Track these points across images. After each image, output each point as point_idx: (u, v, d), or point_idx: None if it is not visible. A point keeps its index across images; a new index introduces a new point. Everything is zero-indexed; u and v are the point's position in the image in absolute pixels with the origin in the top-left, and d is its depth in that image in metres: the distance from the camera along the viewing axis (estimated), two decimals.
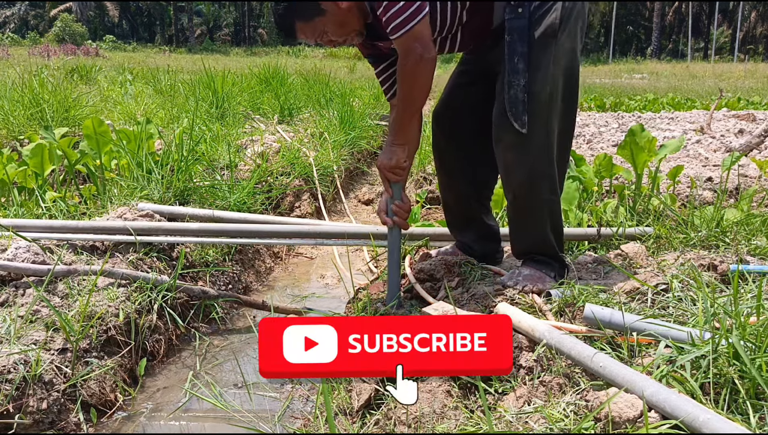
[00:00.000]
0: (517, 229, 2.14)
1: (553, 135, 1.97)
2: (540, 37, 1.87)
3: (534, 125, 1.90)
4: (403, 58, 1.87)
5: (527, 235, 2.10)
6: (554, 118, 1.96)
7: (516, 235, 2.16)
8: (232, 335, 2.58)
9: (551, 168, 1.99)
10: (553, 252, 2.08)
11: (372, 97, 8.86)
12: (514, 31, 1.87)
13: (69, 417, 1.85)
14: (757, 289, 1.51)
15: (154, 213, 2.86)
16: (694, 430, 1.18)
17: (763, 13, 49.81)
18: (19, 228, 2.51)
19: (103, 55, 25.20)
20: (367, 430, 1.63)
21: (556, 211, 2.08)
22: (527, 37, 1.87)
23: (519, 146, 1.94)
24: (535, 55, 1.87)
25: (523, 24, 1.87)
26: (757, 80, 16.18)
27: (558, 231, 2.11)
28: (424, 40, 1.84)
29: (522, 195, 2.02)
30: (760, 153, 4.96)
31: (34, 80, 5.75)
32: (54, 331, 2.01)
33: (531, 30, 1.87)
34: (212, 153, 4.12)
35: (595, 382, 1.44)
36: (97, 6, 53.15)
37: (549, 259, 2.08)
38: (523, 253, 2.15)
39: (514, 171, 2.00)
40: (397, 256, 2.18)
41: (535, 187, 1.99)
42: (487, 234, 2.39)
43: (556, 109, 1.96)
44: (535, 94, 1.88)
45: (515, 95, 1.88)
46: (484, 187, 2.36)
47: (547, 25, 1.86)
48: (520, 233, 2.13)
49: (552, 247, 2.08)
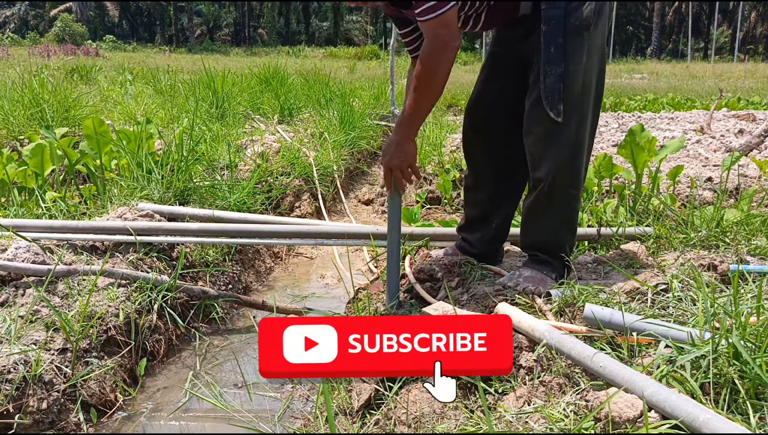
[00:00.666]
0: (532, 221, 2.13)
1: (583, 129, 1.99)
2: (575, 28, 1.90)
3: (567, 116, 1.92)
4: (429, 43, 1.85)
5: (541, 227, 2.10)
6: (586, 110, 1.99)
7: (529, 227, 2.15)
8: (232, 335, 2.58)
9: (578, 162, 2.01)
10: (560, 250, 2.08)
11: (372, 97, 8.86)
12: (551, 21, 1.89)
13: (69, 417, 1.85)
14: (757, 289, 1.51)
15: (154, 213, 2.86)
16: (694, 430, 1.18)
17: (763, 13, 49.80)
18: (19, 228, 2.51)
19: (103, 55, 25.19)
20: (367, 430, 1.63)
21: (575, 208, 2.09)
22: (563, 27, 1.89)
23: (549, 138, 1.95)
24: (570, 46, 1.90)
25: (560, 14, 1.89)
26: (757, 80, 16.18)
27: (572, 227, 2.12)
28: (452, 27, 1.83)
29: (545, 187, 2.02)
30: (760, 153, 4.96)
31: (34, 80, 5.75)
32: (54, 331, 2.01)
33: (566, 21, 1.89)
34: (212, 153, 4.12)
35: (595, 382, 1.44)
36: (97, 6, 53.13)
37: (551, 259, 2.08)
38: (530, 246, 2.15)
39: (541, 163, 2.00)
40: (397, 256, 2.18)
41: (559, 180, 2.00)
42: (495, 236, 2.38)
43: (588, 103, 1.99)
44: (570, 85, 1.91)
45: (551, 84, 1.90)
46: (509, 185, 2.32)
47: (582, 18, 1.90)
48: (534, 225, 2.12)
49: (561, 245, 2.08)
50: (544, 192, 2.02)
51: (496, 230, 2.35)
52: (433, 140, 5.28)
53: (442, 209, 4.10)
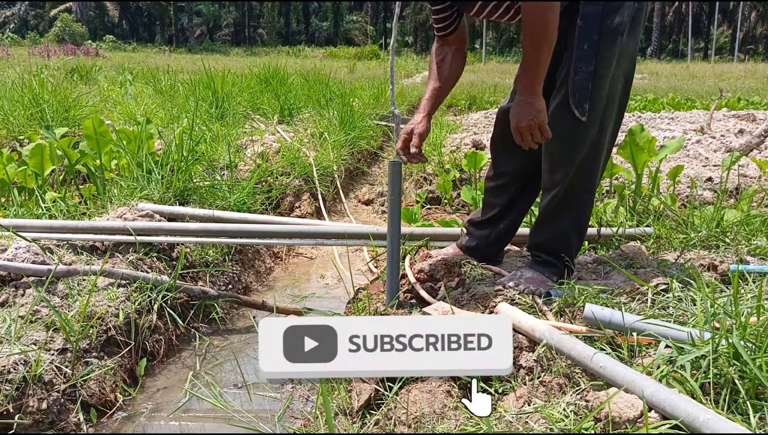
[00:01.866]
0: (543, 222, 2.13)
1: (604, 134, 1.99)
2: (610, 30, 1.89)
3: (590, 117, 1.92)
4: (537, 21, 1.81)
5: (551, 229, 2.10)
6: (609, 116, 1.98)
7: (539, 229, 2.15)
8: (232, 335, 2.58)
9: (595, 165, 2.01)
10: (566, 253, 2.08)
11: (372, 97, 8.85)
12: (588, 17, 1.89)
13: (69, 417, 1.85)
14: (757, 289, 1.51)
15: (154, 213, 2.86)
16: (694, 430, 1.18)
17: (763, 13, 49.80)
18: (19, 228, 2.51)
19: (103, 55, 25.20)
20: (367, 430, 1.63)
21: (587, 213, 2.10)
22: (599, 25, 1.88)
23: (570, 139, 1.95)
24: (602, 47, 1.89)
25: (598, 11, 1.88)
26: (757, 80, 16.18)
27: (582, 231, 2.12)
28: None
29: (561, 190, 2.02)
30: (760, 153, 4.96)
31: (34, 80, 5.75)
32: (54, 331, 2.01)
33: (603, 20, 1.88)
34: (212, 153, 4.12)
35: (595, 383, 1.44)
36: (97, 6, 53.14)
37: (555, 261, 2.08)
38: (536, 247, 2.15)
39: (560, 165, 2.00)
40: (397, 256, 2.18)
41: (575, 182, 2.00)
42: (500, 236, 2.37)
43: (611, 109, 1.98)
44: (597, 87, 1.90)
45: (581, 81, 1.89)
46: (528, 192, 2.32)
47: (618, 21, 1.89)
48: (544, 227, 2.12)
49: (568, 248, 2.08)
50: (560, 194, 2.02)
51: (503, 229, 2.35)
52: (433, 140, 5.28)
53: (442, 209, 4.10)
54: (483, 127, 7.33)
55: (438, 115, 8.29)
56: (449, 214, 3.96)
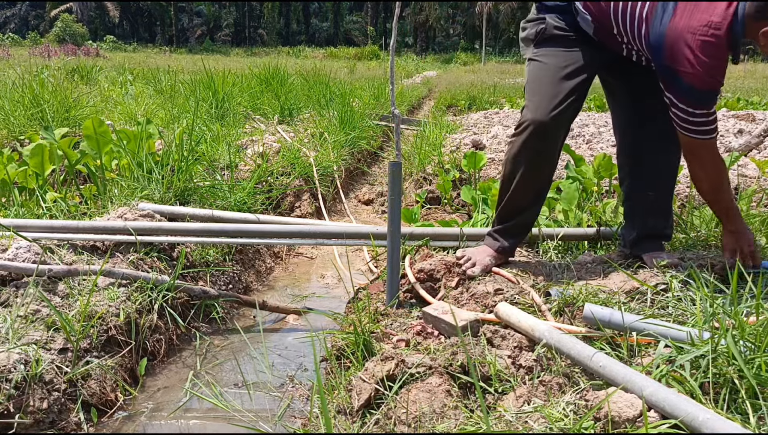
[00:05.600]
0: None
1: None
2: None
3: None
4: (687, 147, 2.03)
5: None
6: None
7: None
8: (233, 335, 2.59)
9: None
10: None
11: (372, 97, 8.85)
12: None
13: (69, 417, 1.85)
14: (757, 289, 1.51)
15: (154, 213, 2.86)
16: (694, 429, 1.18)
17: None
18: (19, 228, 2.51)
19: (103, 55, 25.22)
20: (367, 430, 1.63)
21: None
22: None
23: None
24: None
25: None
26: (757, 80, 16.16)
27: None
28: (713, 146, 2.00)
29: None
30: (759, 153, 4.96)
31: (35, 81, 5.75)
32: (54, 330, 2.01)
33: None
34: (212, 153, 4.12)
35: (595, 382, 1.44)
36: (97, 6, 53.15)
37: None
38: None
39: (672, 171, 2.33)
40: (397, 256, 2.18)
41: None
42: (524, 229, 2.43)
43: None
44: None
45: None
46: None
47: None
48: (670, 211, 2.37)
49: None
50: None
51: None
52: (433, 140, 5.28)
53: (442, 209, 4.10)
54: (483, 127, 7.32)
55: (438, 115, 8.29)
56: (449, 214, 3.96)
